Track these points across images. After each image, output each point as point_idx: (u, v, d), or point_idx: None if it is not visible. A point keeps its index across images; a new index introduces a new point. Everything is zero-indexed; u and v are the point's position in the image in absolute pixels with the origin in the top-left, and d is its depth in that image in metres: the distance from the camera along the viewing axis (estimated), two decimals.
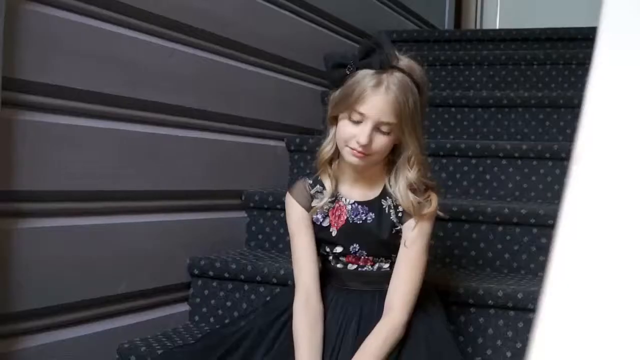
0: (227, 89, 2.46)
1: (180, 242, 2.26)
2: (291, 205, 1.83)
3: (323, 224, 1.80)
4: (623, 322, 0.47)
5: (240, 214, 2.55)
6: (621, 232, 0.53)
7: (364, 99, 1.65)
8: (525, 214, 2.23)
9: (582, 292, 0.49)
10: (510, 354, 1.99)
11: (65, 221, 1.85)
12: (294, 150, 2.80)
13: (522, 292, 1.96)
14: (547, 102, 2.89)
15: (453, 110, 3.03)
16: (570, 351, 0.46)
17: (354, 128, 1.68)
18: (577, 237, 0.53)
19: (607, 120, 0.62)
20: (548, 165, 2.55)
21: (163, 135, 2.17)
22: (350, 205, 1.80)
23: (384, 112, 1.65)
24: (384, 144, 1.69)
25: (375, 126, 1.66)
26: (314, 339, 1.70)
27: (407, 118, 1.66)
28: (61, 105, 1.82)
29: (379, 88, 1.65)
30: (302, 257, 1.79)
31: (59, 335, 1.85)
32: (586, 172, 0.57)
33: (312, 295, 1.75)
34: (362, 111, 1.66)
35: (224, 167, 2.46)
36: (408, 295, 1.72)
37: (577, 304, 0.49)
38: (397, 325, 1.69)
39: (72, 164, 1.85)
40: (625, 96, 0.64)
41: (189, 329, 2.20)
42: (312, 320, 1.72)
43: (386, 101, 1.64)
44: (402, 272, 1.74)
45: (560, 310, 0.48)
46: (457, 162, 2.65)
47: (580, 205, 0.55)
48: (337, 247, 1.80)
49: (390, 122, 1.65)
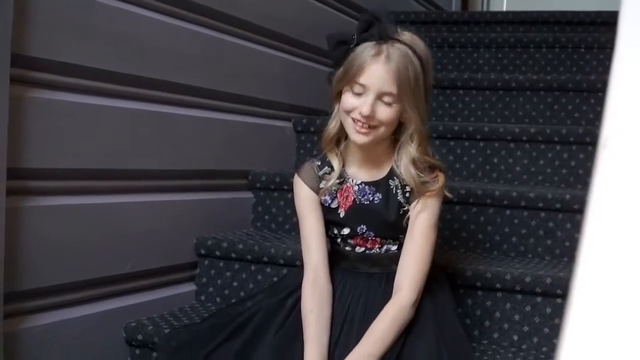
0: (235, 68, 2.45)
1: (187, 222, 2.26)
2: (299, 186, 1.84)
3: (331, 206, 1.80)
4: None
5: (246, 194, 2.55)
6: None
7: (364, 69, 1.66)
8: (533, 198, 2.23)
9: (614, 278, 0.49)
10: (517, 337, 1.99)
11: (73, 199, 1.85)
12: (301, 131, 2.80)
13: (530, 276, 1.96)
14: (556, 85, 2.88)
15: (461, 93, 3.02)
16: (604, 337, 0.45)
17: (356, 100, 1.68)
18: (607, 223, 0.52)
19: (636, 102, 0.61)
20: (556, 149, 2.54)
21: (171, 115, 2.16)
22: (357, 185, 1.79)
23: (385, 81, 1.65)
24: (387, 116, 1.68)
25: (377, 96, 1.66)
26: (322, 318, 1.70)
27: (407, 89, 1.66)
28: (70, 83, 1.81)
29: (379, 57, 1.65)
30: (311, 238, 1.79)
31: (66, 314, 1.85)
32: (615, 157, 0.57)
33: (320, 275, 1.75)
34: (363, 82, 1.66)
35: (231, 147, 2.46)
36: (417, 275, 1.71)
37: (609, 289, 0.48)
38: (406, 306, 1.69)
39: (81, 142, 1.84)
40: None
41: (196, 308, 2.20)
42: (320, 299, 1.72)
43: (386, 70, 1.65)
44: (410, 252, 1.73)
45: (592, 297, 0.48)
46: (465, 144, 2.64)
47: (609, 190, 0.54)
48: (345, 229, 1.80)
49: (392, 91, 1.65)
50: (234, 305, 1.98)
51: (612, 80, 0.63)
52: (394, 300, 1.70)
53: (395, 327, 1.66)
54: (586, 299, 0.48)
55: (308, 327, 1.68)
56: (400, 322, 1.67)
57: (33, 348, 1.74)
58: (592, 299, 0.48)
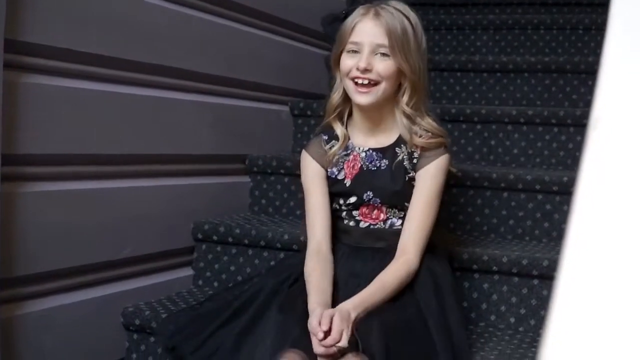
0: (231, 52, 2.44)
1: (184, 207, 2.26)
2: (306, 161, 1.88)
3: (338, 177, 1.84)
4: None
5: (243, 179, 2.54)
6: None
7: (355, 27, 1.77)
8: (530, 180, 2.22)
9: (601, 259, 0.49)
10: (514, 320, 1.99)
11: (68, 185, 1.84)
12: (297, 114, 2.79)
13: (527, 259, 1.96)
14: (554, 67, 2.87)
15: (458, 75, 3.01)
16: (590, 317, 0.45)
17: (354, 59, 1.76)
18: (595, 205, 0.52)
19: (626, 84, 0.60)
20: (554, 131, 2.53)
21: (167, 99, 2.15)
22: (365, 152, 1.84)
23: (376, 35, 1.75)
24: (384, 68, 1.75)
25: (371, 50, 1.75)
26: (324, 274, 1.72)
27: (398, 41, 1.74)
28: (65, 68, 1.80)
29: (368, 14, 1.77)
30: (316, 212, 1.82)
31: (63, 299, 1.85)
32: (604, 139, 0.56)
33: (323, 246, 1.78)
34: (355, 39, 1.76)
35: (228, 132, 2.45)
36: (421, 243, 1.76)
37: (595, 270, 0.48)
38: (412, 271, 1.73)
39: (76, 127, 1.83)
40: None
41: (193, 293, 2.20)
42: (324, 264, 1.74)
43: (375, 24, 1.75)
44: (414, 218, 1.78)
45: (579, 277, 0.47)
46: (462, 127, 2.64)
47: (598, 171, 0.54)
48: (351, 197, 1.84)
49: (384, 43, 1.74)
50: (233, 288, 1.98)
51: (603, 62, 0.63)
52: (402, 260, 1.73)
53: (399, 287, 1.69)
54: (574, 278, 0.47)
55: (310, 283, 1.70)
56: (403, 283, 1.71)
57: (30, 334, 1.74)
58: (579, 278, 0.48)
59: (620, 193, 0.53)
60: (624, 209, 0.51)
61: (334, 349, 1.47)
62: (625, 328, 0.45)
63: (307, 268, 1.74)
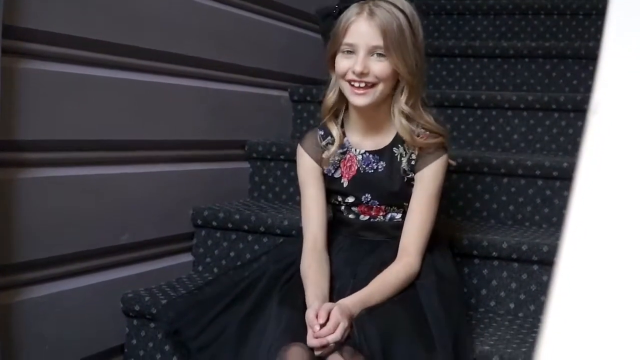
0: (231, 37, 2.43)
1: (183, 193, 2.25)
2: (301, 156, 1.85)
3: (335, 175, 1.82)
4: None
5: (243, 165, 2.54)
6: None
7: (349, 28, 1.71)
8: (530, 166, 2.22)
9: (600, 245, 0.48)
10: (514, 305, 1.99)
11: (67, 171, 1.84)
12: (297, 100, 2.78)
13: (527, 244, 1.96)
14: (555, 52, 2.86)
15: (459, 61, 3.00)
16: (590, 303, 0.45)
17: (349, 61, 1.72)
18: (595, 189, 0.51)
19: (626, 68, 0.60)
20: (554, 117, 2.53)
21: (166, 85, 2.14)
22: (361, 155, 1.81)
23: (371, 36, 1.69)
24: (380, 70, 1.71)
25: (367, 52, 1.70)
26: (320, 269, 1.71)
27: (394, 41, 1.69)
28: (63, 54, 1.79)
29: (362, 14, 1.71)
30: (311, 208, 1.80)
31: (62, 285, 1.84)
32: (604, 123, 0.56)
33: (319, 243, 1.77)
34: (351, 41, 1.71)
35: (227, 117, 2.44)
36: (421, 244, 1.75)
37: (595, 256, 0.48)
38: (414, 273, 1.72)
39: (74, 113, 1.83)
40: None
41: (193, 279, 2.20)
42: (319, 261, 1.73)
43: (370, 25, 1.69)
44: (414, 219, 1.76)
45: (578, 263, 0.47)
46: (462, 113, 2.63)
47: (598, 156, 0.54)
48: (349, 198, 1.83)
49: (379, 44, 1.69)
50: (233, 274, 1.97)
51: (603, 46, 0.63)
52: (403, 262, 1.72)
53: (399, 288, 1.68)
54: (573, 263, 0.47)
55: (307, 278, 1.69)
56: (404, 284, 1.70)
57: (29, 320, 1.74)
58: (579, 263, 0.47)
59: (620, 177, 0.52)
60: (624, 194, 0.51)
61: (326, 341, 1.47)
62: (624, 314, 0.45)
63: (304, 265, 1.73)
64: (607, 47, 0.62)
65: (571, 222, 0.49)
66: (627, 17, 0.65)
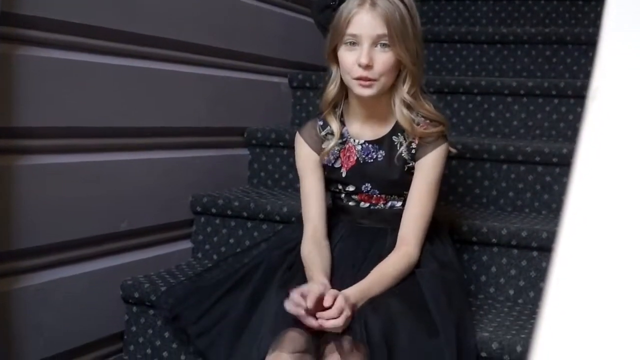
0: (229, 24, 2.42)
1: (182, 180, 2.25)
2: (300, 145, 1.85)
3: (335, 165, 1.82)
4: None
5: (242, 151, 2.53)
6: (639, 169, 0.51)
7: (352, 19, 1.69)
8: (530, 152, 2.21)
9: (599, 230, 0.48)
10: (513, 292, 1.99)
11: (66, 158, 1.83)
12: (296, 86, 2.77)
13: (526, 230, 1.96)
14: (554, 38, 2.85)
15: (458, 47, 2.99)
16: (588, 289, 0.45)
17: (353, 54, 1.70)
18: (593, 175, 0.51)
19: (625, 54, 0.59)
20: (554, 103, 2.52)
21: (165, 71, 2.13)
22: (360, 145, 1.81)
23: (374, 26, 1.68)
24: (385, 62, 1.69)
25: (371, 43, 1.68)
26: (321, 254, 1.72)
27: (397, 30, 1.68)
28: (61, 40, 1.78)
29: (364, 5, 1.69)
30: (310, 197, 1.80)
31: (61, 273, 1.84)
32: (603, 109, 0.55)
33: (318, 231, 1.77)
34: (354, 32, 1.69)
35: (226, 104, 2.44)
36: (421, 230, 1.75)
37: (593, 242, 0.47)
38: (413, 263, 1.72)
39: (73, 100, 1.82)
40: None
41: (192, 266, 2.20)
42: (319, 249, 1.73)
43: (372, 15, 1.68)
44: (414, 208, 1.76)
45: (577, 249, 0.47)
46: (462, 99, 2.62)
47: (597, 141, 0.53)
48: (349, 186, 1.82)
49: (385, 33, 1.68)
50: (233, 260, 1.98)
51: (602, 31, 0.62)
52: (402, 252, 1.72)
53: (398, 278, 1.68)
54: (572, 249, 0.47)
55: (308, 260, 1.70)
56: (403, 275, 1.69)
57: (28, 308, 1.74)
58: (577, 249, 0.47)
59: (619, 163, 0.52)
60: (622, 180, 0.51)
61: (329, 324, 1.47)
62: (623, 300, 0.45)
63: (304, 252, 1.74)
64: (606, 32, 0.62)
65: (570, 207, 0.49)
66: (626, 3, 0.65)
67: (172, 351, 1.97)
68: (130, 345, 2.03)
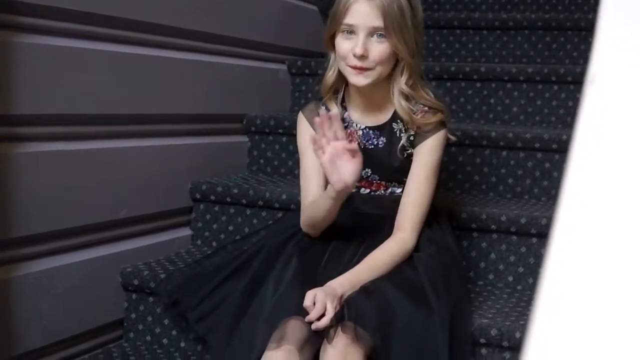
0: (228, 10, 2.41)
1: (181, 167, 2.24)
2: (302, 124, 1.85)
3: None
4: (637, 246, 0.46)
5: (241, 138, 2.53)
6: (637, 154, 0.51)
7: (349, 8, 1.69)
8: (529, 139, 2.21)
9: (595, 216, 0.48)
10: (512, 279, 1.99)
11: (64, 145, 1.83)
12: (295, 73, 2.77)
13: (525, 217, 1.96)
14: (554, 24, 2.84)
15: (458, 33, 2.98)
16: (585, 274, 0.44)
17: (349, 42, 1.70)
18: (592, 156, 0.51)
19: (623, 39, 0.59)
20: (554, 89, 2.52)
21: (164, 58, 2.13)
22: (362, 130, 1.81)
23: (371, 17, 1.67)
24: (380, 53, 1.69)
25: (367, 34, 1.68)
26: None
27: (394, 22, 1.67)
28: (60, 27, 1.78)
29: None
30: (310, 174, 1.80)
31: (61, 260, 1.84)
32: (602, 94, 0.55)
33: None
34: (350, 22, 1.69)
35: (225, 91, 2.43)
36: (418, 220, 1.74)
37: (590, 227, 0.47)
38: (409, 250, 1.72)
39: (71, 87, 1.81)
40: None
41: (192, 253, 2.20)
42: None
43: (370, 6, 1.67)
44: (411, 194, 1.76)
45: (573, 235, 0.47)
46: (461, 85, 2.62)
47: (595, 126, 0.53)
48: None
49: (380, 25, 1.67)
50: (232, 247, 1.98)
51: (600, 16, 0.62)
52: (397, 239, 1.72)
53: (391, 264, 1.68)
54: (569, 234, 0.47)
55: (310, 208, 1.74)
56: (398, 261, 1.69)
57: (27, 296, 1.74)
58: (574, 234, 0.47)
59: (616, 148, 0.52)
60: (620, 164, 0.50)
61: (322, 324, 1.47)
62: (619, 286, 0.44)
63: (303, 217, 1.77)
64: (604, 16, 0.62)
65: (566, 192, 0.49)
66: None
67: (171, 338, 1.98)
68: (130, 333, 2.03)
